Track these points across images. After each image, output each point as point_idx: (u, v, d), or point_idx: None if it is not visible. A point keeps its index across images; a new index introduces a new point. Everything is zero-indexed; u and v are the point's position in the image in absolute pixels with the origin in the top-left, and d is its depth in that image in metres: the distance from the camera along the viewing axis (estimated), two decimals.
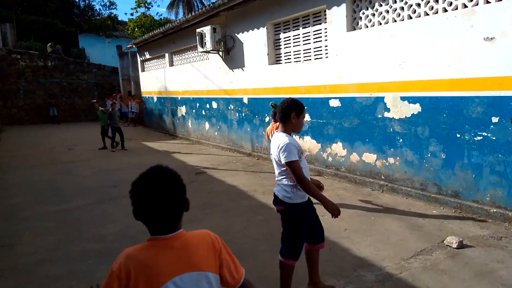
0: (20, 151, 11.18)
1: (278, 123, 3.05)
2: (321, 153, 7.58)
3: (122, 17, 47.75)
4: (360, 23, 6.69)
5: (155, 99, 16.06)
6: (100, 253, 4.11)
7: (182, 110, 13.59)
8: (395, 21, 6.06)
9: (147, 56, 16.42)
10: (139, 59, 17.56)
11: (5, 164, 9.21)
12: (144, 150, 11.18)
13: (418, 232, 4.44)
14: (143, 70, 17.44)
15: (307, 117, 7.85)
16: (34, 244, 4.38)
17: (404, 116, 5.93)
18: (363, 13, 6.59)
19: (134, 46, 17.26)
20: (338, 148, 7.18)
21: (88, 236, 4.62)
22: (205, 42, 10.20)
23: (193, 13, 11.04)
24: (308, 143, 7.89)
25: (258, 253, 4.02)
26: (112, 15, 35.12)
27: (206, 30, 10.09)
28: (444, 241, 4.08)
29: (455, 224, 4.64)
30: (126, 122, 19.03)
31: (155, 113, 16.38)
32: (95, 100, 12.75)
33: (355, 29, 6.76)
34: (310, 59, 7.81)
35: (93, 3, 36.01)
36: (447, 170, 5.39)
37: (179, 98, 13.72)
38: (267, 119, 9.10)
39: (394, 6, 6.06)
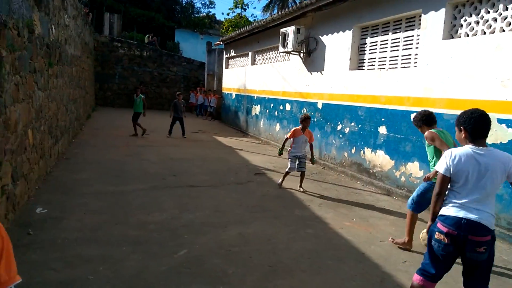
0: (103, 130, 11.97)
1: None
2: (394, 171, 6.82)
3: (219, 16, 49.86)
4: (459, 31, 5.85)
5: (233, 96, 16.23)
6: (137, 241, 4.00)
7: (257, 109, 13.49)
8: (504, 30, 5.16)
9: (232, 54, 16.66)
10: (224, 56, 17.93)
11: (85, 141, 9.87)
12: (213, 144, 11.25)
13: (497, 280, 3.62)
14: (226, 67, 17.77)
15: (383, 130, 7.14)
16: (81, 221, 4.44)
17: (499, 142, 5.00)
18: (465, 20, 5.75)
19: (221, 43, 17.67)
20: (414, 167, 6.37)
21: (132, 221, 4.58)
22: (287, 43, 9.94)
23: (280, 13, 10.83)
24: (381, 158, 7.16)
25: (297, 272, 3.59)
26: (210, 14, 36.75)
27: (290, 30, 9.81)
28: None
29: None
30: (205, 115, 19.57)
31: (231, 109, 16.57)
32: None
33: (452, 37, 5.94)
34: (395, 67, 7.09)
35: (194, 1, 37.91)
36: None
37: (255, 97, 13.64)
38: (339, 127, 8.51)
39: (504, 13, 5.16)
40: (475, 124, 2.58)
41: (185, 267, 3.51)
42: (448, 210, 2.59)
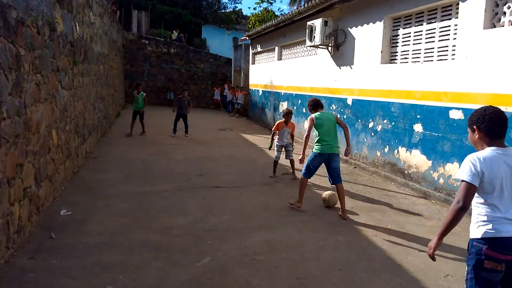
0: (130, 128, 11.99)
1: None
2: (431, 172, 6.38)
3: (246, 11, 49.67)
4: (502, 19, 5.36)
5: (260, 92, 15.97)
6: (159, 247, 3.85)
7: (284, 105, 13.18)
8: None
9: (259, 49, 16.39)
10: (251, 51, 17.68)
11: (114, 139, 9.91)
12: (240, 142, 11.06)
13: None
14: (253, 63, 17.52)
15: (418, 128, 6.70)
16: (104, 224, 4.34)
17: None
18: (509, 7, 5.25)
19: (248, 38, 17.43)
20: (453, 169, 5.92)
21: (155, 225, 4.43)
22: (314, 36, 9.57)
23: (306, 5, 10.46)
24: (416, 158, 6.73)
25: (327, 285, 3.32)
26: (237, 9, 36.53)
27: (317, 23, 9.44)
28: None
29: None
30: (232, 112, 19.43)
31: (258, 106, 16.32)
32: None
33: (494, 26, 5.45)
34: (431, 60, 6.62)
35: None
36: None
37: (282, 93, 13.34)
38: (371, 124, 8.10)
39: None
40: (491, 121, 2.18)
41: (208, 277, 3.32)
42: (492, 230, 2.11)
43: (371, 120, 8.12)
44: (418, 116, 6.72)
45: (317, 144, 5.24)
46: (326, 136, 5.18)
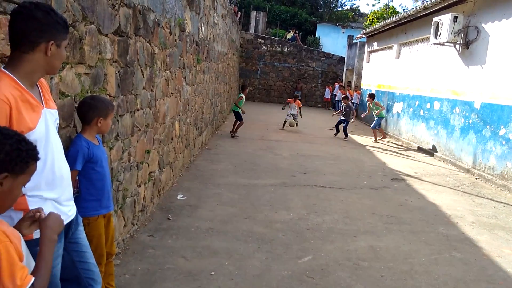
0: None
1: None
2: None
3: (364, 8, 47.88)
4: None
5: (373, 92, 15.27)
6: (262, 239, 3.97)
7: (398, 107, 12.40)
8: None
9: (375, 47, 15.69)
10: (366, 49, 17.01)
11: (226, 132, 10.51)
12: (347, 142, 10.75)
13: None
14: (368, 61, 16.84)
15: None
16: (214, 211, 4.64)
17: None
18: None
19: (364, 36, 16.82)
20: None
21: (260, 217, 4.58)
22: (441, 33, 8.81)
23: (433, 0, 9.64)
24: None
25: None
26: (354, 6, 35.55)
27: (445, 18, 8.66)
28: None
29: None
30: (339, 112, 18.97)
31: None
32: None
33: None
34: None
35: None
36: None
37: (397, 94, 12.55)
38: (502, 132, 7.14)
39: None
40: None
41: (308, 276, 3.31)
42: None
43: (502, 126, 7.16)
44: None
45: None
46: None
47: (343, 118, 11.30)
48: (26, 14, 1.50)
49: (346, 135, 11.24)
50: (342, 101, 11.93)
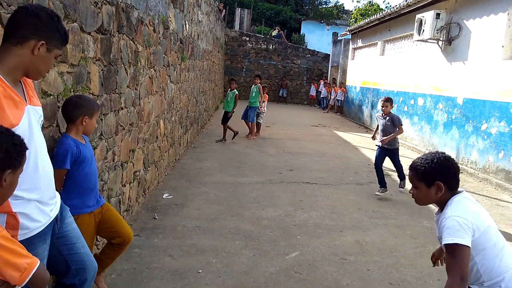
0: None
1: None
2: None
3: (348, 5, 48.33)
4: None
5: (358, 89, 15.42)
6: (250, 236, 3.97)
7: None
8: None
9: (359, 44, 15.82)
10: (351, 46, 17.15)
11: (212, 131, 10.46)
12: (333, 139, 10.83)
13: None
14: (352, 58, 16.98)
15: None
16: (200, 210, 4.62)
17: None
18: None
19: (348, 33, 16.95)
20: None
21: (247, 214, 4.59)
22: (424, 30, 8.92)
23: None
24: None
25: None
26: (338, 3, 35.75)
27: (428, 15, 8.77)
28: None
29: None
30: (325, 109, 19.14)
31: (355, 103, 15.79)
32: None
33: None
34: None
35: None
36: None
37: (381, 90, 12.69)
38: (483, 127, 7.29)
39: None
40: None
41: (296, 271, 3.33)
42: None
43: (484, 121, 7.31)
44: None
45: None
46: None
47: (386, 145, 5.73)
48: (30, 10, 1.52)
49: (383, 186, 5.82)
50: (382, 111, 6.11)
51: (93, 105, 2.36)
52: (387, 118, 5.60)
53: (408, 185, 5.51)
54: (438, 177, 1.83)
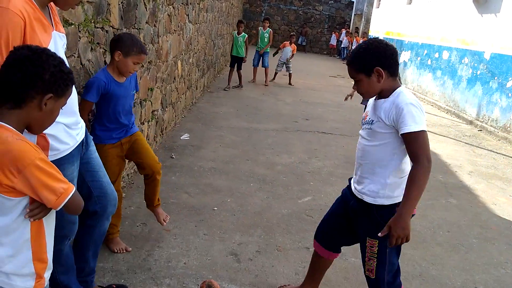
0: (244, 67, 12.33)
1: None
2: None
3: None
4: None
5: None
6: (264, 180, 4.04)
7: (406, 55, 12.11)
8: None
9: None
10: None
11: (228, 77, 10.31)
12: (350, 90, 10.61)
13: None
14: (378, 7, 16.22)
15: None
16: (216, 152, 4.69)
17: None
18: None
19: None
20: None
21: (261, 159, 4.64)
22: None
23: None
24: None
25: (431, 244, 3.19)
26: None
27: None
28: None
29: None
30: (346, 60, 18.58)
31: None
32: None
33: None
34: None
35: None
36: None
37: (406, 42, 12.21)
38: (509, 84, 7.04)
39: None
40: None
41: (308, 215, 3.41)
42: None
43: (510, 79, 7.04)
44: None
45: None
46: None
47: None
48: None
49: None
50: None
51: (133, 46, 2.26)
52: None
53: None
54: (375, 63, 1.72)
